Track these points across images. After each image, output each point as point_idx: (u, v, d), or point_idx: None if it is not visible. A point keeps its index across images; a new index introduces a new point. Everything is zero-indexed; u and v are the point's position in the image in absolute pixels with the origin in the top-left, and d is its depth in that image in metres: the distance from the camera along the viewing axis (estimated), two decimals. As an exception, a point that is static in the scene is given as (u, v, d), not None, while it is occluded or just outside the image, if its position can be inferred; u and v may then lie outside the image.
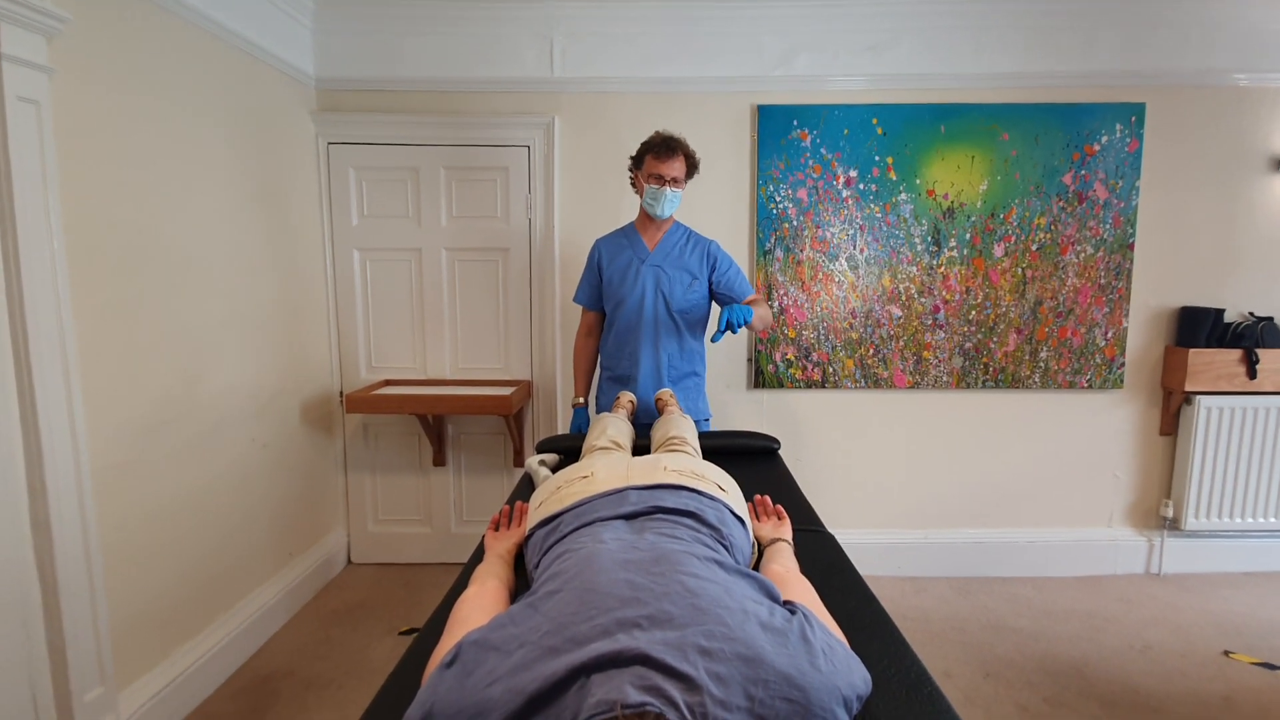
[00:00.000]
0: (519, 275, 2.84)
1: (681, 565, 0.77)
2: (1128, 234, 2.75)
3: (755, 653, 0.66)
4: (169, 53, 1.95)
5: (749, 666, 0.65)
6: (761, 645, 0.67)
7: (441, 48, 2.70)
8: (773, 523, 1.27)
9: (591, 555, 0.83)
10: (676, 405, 1.99)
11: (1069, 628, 2.50)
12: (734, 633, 0.67)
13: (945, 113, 2.68)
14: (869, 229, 2.74)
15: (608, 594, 0.73)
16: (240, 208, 2.29)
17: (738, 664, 0.65)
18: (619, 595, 0.72)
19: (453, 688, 0.66)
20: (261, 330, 2.40)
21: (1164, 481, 2.91)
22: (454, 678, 0.67)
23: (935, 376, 2.82)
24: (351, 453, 2.96)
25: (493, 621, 0.74)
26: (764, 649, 0.67)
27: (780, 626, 0.72)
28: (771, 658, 0.67)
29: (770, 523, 1.27)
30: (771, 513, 1.32)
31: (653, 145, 2.08)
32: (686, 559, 0.79)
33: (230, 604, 2.24)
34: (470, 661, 0.68)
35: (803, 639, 0.71)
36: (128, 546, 1.81)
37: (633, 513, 0.98)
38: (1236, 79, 2.72)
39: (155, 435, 1.90)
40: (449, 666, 0.69)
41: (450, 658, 0.70)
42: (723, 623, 0.68)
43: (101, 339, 1.72)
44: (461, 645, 0.71)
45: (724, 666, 0.64)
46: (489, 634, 0.71)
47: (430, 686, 0.68)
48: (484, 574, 1.01)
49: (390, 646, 2.35)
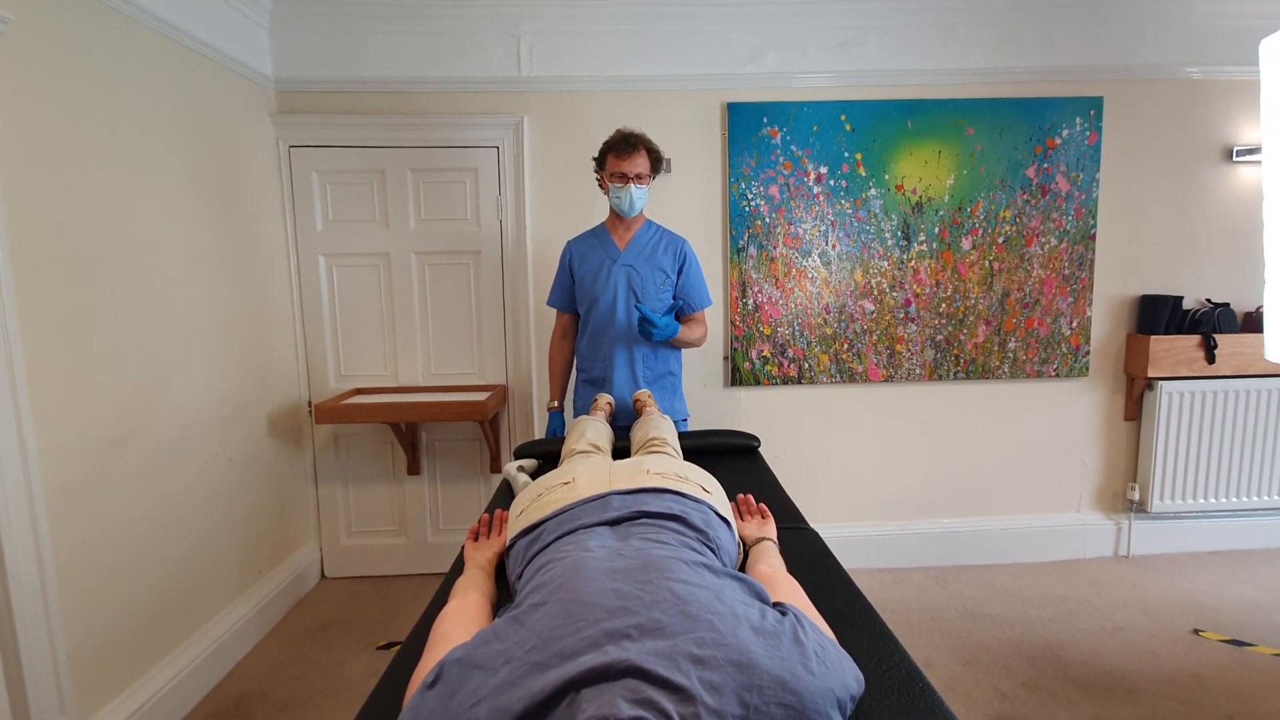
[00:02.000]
0: (491, 278, 2.79)
1: (669, 571, 0.75)
2: (1089, 225, 2.81)
3: (748, 658, 0.64)
4: (118, 54, 1.87)
5: (743, 673, 0.63)
6: (754, 651, 0.66)
7: (405, 47, 2.64)
8: (756, 521, 1.26)
9: (576, 564, 0.81)
10: (655, 406, 1.97)
11: (1043, 612, 2.54)
12: (726, 639, 0.66)
13: (912, 109, 2.71)
14: (840, 225, 2.76)
15: (594, 604, 0.70)
16: (197, 214, 2.21)
17: (731, 671, 0.63)
18: (606, 605, 0.70)
19: (435, 710, 0.63)
20: (224, 340, 2.32)
21: (1130, 466, 2.99)
22: (437, 699, 0.64)
23: (908, 369, 2.85)
24: (322, 464, 2.88)
25: (476, 638, 0.71)
26: (757, 654, 0.66)
27: (772, 629, 0.70)
28: (765, 663, 0.65)
29: (754, 522, 1.26)
30: (755, 512, 1.31)
31: (613, 144, 2.05)
32: (674, 564, 0.77)
33: (198, 625, 2.16)
34: (454, 681, 0.65)
35: (795, 641, 0.69)
36: (86, 569, 1.73)
37: (617, 518, 0.96)
38: (1189, 72, 2.80)
39: (112, 451, 1.82)
40: (431, 687, 0.66)
41: (432, 678, 0.67)
42: (714, 629, 0.66)
43: (51, 351, 1.64)
44: (444, 664, 0.68)
45: (717, 674, 0.62)
46: (472, 651, 0.68)
47: (412, 710, 0.65)
48: (465, 587, 0.97)
49: (367, 663, 2.29)
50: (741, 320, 2.79)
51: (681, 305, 2.18)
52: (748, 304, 2.78)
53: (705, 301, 2.25)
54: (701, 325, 2.25)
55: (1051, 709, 1.98)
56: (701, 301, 2.23)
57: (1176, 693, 2.05)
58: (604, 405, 2.03)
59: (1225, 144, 2.84)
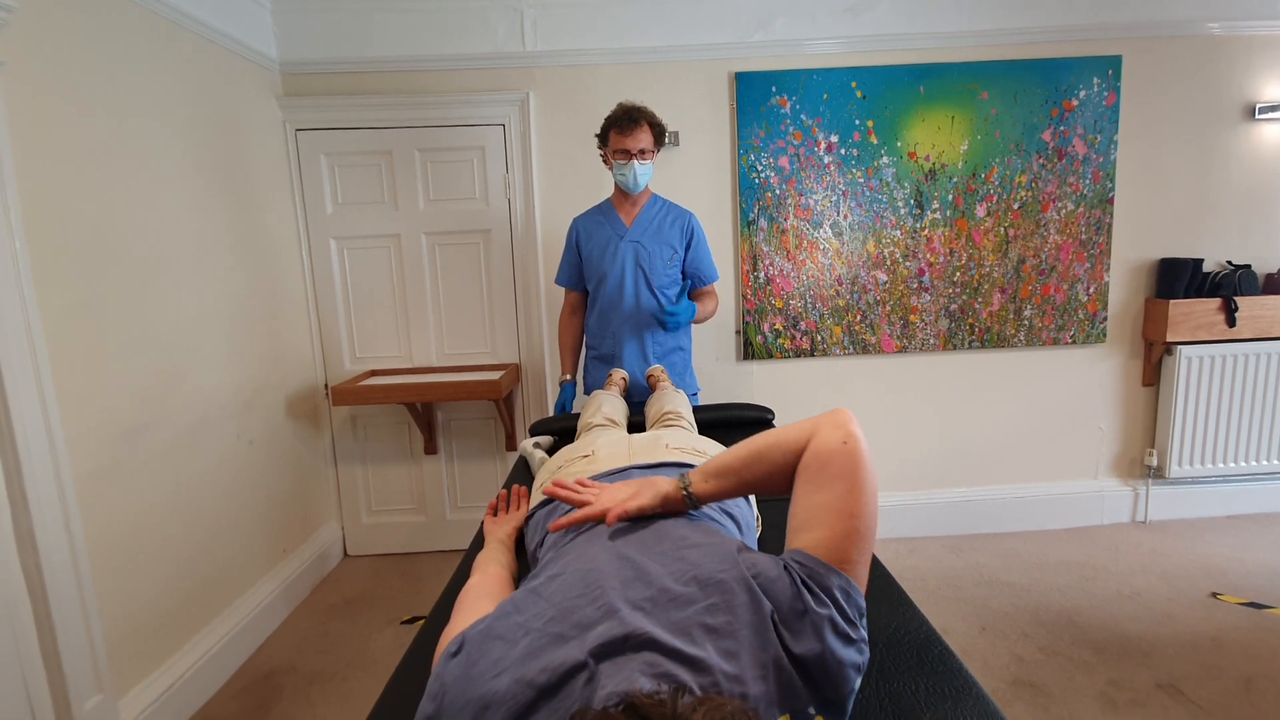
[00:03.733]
0: (501, 257, 2.79)
1: (684, 542, 0.76)
2: (1107, 189, 2.76)
3: (763, 622, 0.65)
4: (123, 41, 1.87)
5: (758, 636, 0.64)
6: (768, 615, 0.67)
7: (409, 25, 2.61)
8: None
9: (593, 535, 0.82)
10: (668, 380, 1.98)
11: (1060, 579, 2.55)
12: (737, 602, 0.67)
13: (924, 73, 2.65)
14: (852, 194, 2.72)
15: (611, 574, 0.72)
16: (207, 200, 2.22)
17: (747, 635, 0.64)
18: (621, 576, 0.71)
19: (459, 679, 0.65)
20: (239, 325, 2.35)
21: (1148, 431, 2.97)
22: (459, 669, 0.65)
23: (922, 340, 2.83)
24: (340, 445, 2.92)
25: (497, 610, 0.72)
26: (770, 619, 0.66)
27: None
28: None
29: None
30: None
31: (615, 119, 2.01)
32: (689, 534, 0.78)
33: (227, 603, 2.21)
34: (475, 651, 0.67)
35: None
36: (116, 552, 1.77)
37: None
38: (1210, 28, 2.72)
39: (136, 437, 1.85)
40: (454, 656, 0.67)
41: (455, 647, 0.68)
42: (727, 590, 0.67)
43: (72, 341, 1.66)
44: (466, 635, 0.69)
45: (732, 641, 0.63)
46: (494, 623, 0.70)
47: (436, 677, 0.66)
48: (486, 560, 0.99)
49: (391, 636, 2.34)
50: (753, 294, 2.78)
51: (691, 283, 2.17)
52: (759, 277, 2.77)
53: (714, 275, 2.24)
54: (713, 298, 2.25)
55: (1069, 672, 2.00)
56: (710, 275, 2.23)
57: (1195, 655, 2.05)
58: (618, 380, 2.04)
59: (1247, 101, 2.76)
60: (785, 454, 0.79)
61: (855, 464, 0.73)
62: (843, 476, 0.72)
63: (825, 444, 0.75)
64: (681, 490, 0.86)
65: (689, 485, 0.86)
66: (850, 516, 0.70)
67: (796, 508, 0.75)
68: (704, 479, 0.86)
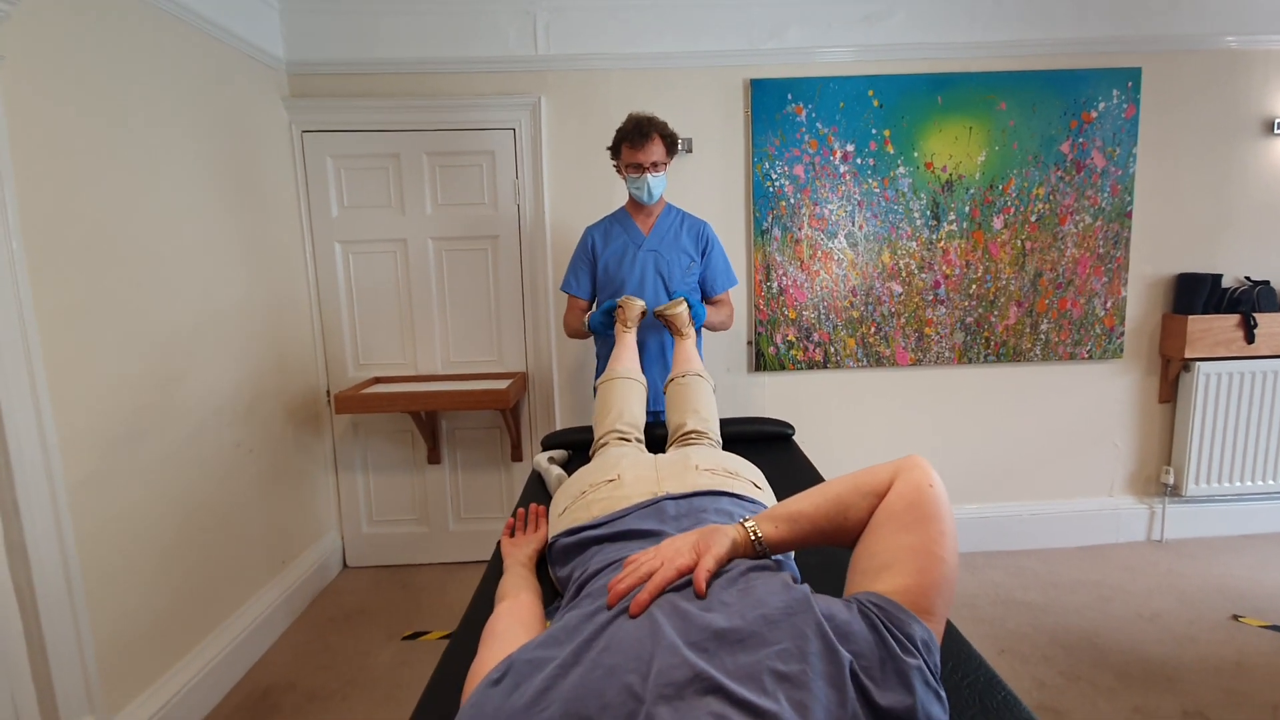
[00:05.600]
0: (509, 263, 2.73)
1: (749, 576, 0.70)
2: (1125, 202, 2.72)
3: (840, 674, 0.59)
4: (127, 37, 1.81)
5: (835, 690, 0.58)
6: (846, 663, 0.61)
7: (419, 26, 2.57)
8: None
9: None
10: (692, 342, 1.90)
11: (1077, 599, 2.49)
12: (811, 649, 0.60)
13: (942, 83, 2.62)
14: (867, 204, 2.68)
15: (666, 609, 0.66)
16: (210, 201, 2.16)
17: (821, 688, 0.58)
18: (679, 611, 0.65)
19: (501, 707, 0.59)
20: (240, 330, 2.28)
21: (1164, 449, 2.92)
22: (503, 696, 0.60)
23: (937, 353, 2.78)
24: (342, 453, 2.85)
25: (545, 638, 0.66)
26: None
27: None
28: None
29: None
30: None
31: (626, 133, 1.98)
32: (753, 572, 0.72)
33: (223, 616, 2.14)
34: (522, 680, 0.61)
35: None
36: (109, 564, 1.70)
37: (674, 529, 0.90)
38: (1228, 41, 2.69)
39: (132, 444, 1.79)
40: (497, 684, 0.61)
41: (499, 674, 0.62)
42: (800, 636, 0.61)
43: (67, 343, 1.60)
44: (513, 661, 0.63)
45: (805, 693, 0.57)
46: (542, 652, 0.64)
47: (474, 704, 0.60)
48: (513, 588, 0.93)
49: (393, 652, 2.27)
50: (765, 304, 2.73)
51: (703, 294, 2.14)
52: (772, 287, 2.72)
53: (731, 281, 2.21)
54: (728, 306, 2.21)
55: (1092, 699, 1.94)
56: (727, 283, 2.19)
57: (1219, 681, 2.00)
58: (635, 315, 1.92)
59: (1266, 116, 2.73)
60: (864, 497, 0.73)
61: (944, 508, 0.68)
62: (934, 519, 0.67)
63: (911, 485, 0.70)
64: (751, 538, 0.78)
65: (758, 531, 0.78)
66: (939, 561, 0.64)
67: (877, 547, 0.69)
68: (773, 524, 0.79)
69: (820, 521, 0.76)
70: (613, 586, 0.71)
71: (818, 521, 0.76)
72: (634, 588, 0.71)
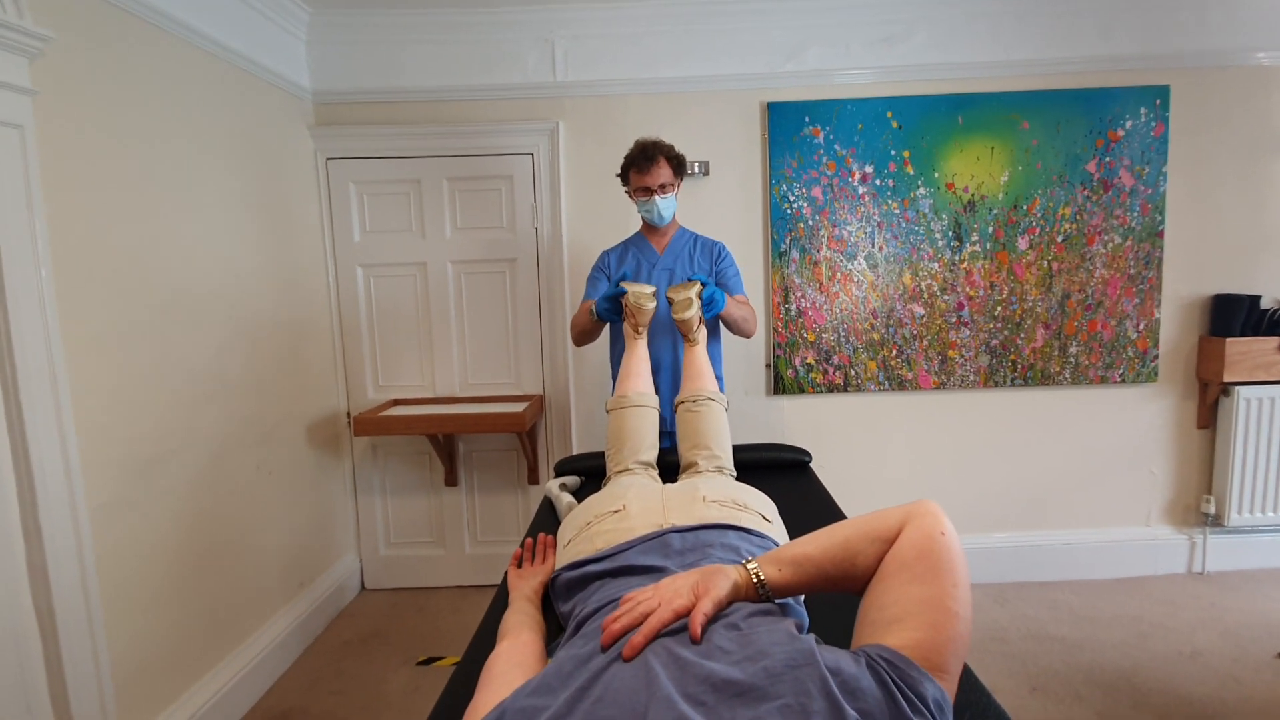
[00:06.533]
0: (527, 286, 2.75)
1: (750, 621, 0.67)
2: (1156, 221, 2.65)
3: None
4: (158, 70, 1.87)
5: None
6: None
7: (440, 55, 2.62)
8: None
9: None
10: (703, 350, 1.80)
11: (1113, 634, 2.39)
12: (814, 706, 0.57)
13: (963, 103, 2.59)
14: (887, 226, 2.65)
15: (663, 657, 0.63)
16: (238, 228, 2.21)
17: None
18: (676, 660, 0.63)
19: None
20: (264, 354, 2.32)
21: (1204, 476, 2.80)
22: None
23: (962, 376, 2.72)
24: (360, 475, 2.87)
25: (540, 685, 0.64)
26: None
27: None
28: None
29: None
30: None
31: (632, 159, 1.99)
32: (755, 617, 0.69)
33: (240, 640, 2.15)
34: None
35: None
36: (128, 587, 1.72)
37: (678, 565, 0.88)
38: (1259, 58, 2.62)
39: (155, 469, 1.82)
40: None
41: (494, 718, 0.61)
42: (803, 692, 0.58)
43: (94, 370, 1.64)
44: (504, 710, 0.61)
45: None
46: (536, 700, 0.62)
47: None
48: (515, 625, 0.91)
49: (406, 678, 2.26)
50: (784, 326, 2.70)
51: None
52: (790, 309, 2.69)
53: (742, 291, 2.12)
54: (747, 305, 2.09)
55: (1131, 742, 1.84)
56: (738, 290, 2.10)
57: (1268, 726, 1.89)
58: (645, 319, 1.80)
59: (1303, 132, 2.65)
60: (873, 543, 0.70)
61: (957, 558, 0.65)
62: (947, 570, 0.64)
63: (923, 533, 0.67)
64: (753, 580, 0.75)
65: (760, 573, 0.75)
66: (953, 616, 0.61)
67: (887, 598, 0.66)
68: (777, 567, 0.75)
69: (826, 566, 0.73)
70: (607, 625, 0.69)
71: (824, 566, 0.73)
72: (629, 628, 0.69)
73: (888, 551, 0.69)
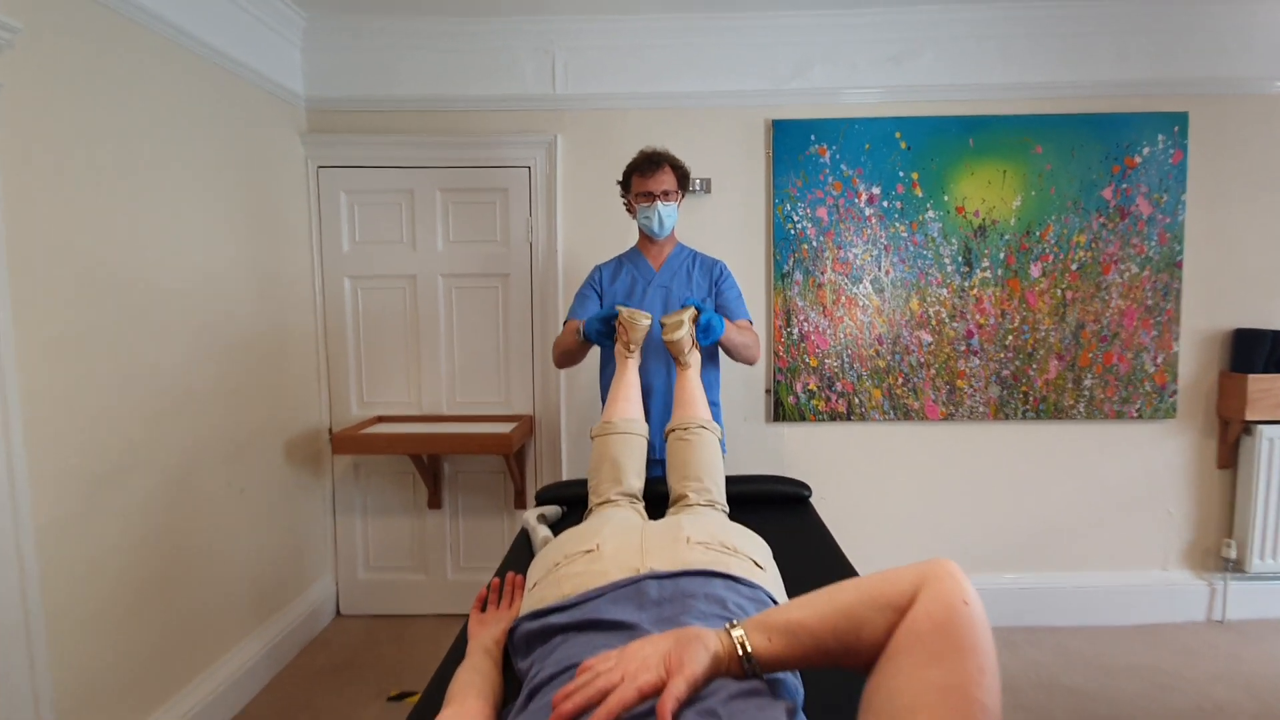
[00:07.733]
0: (520, 302, 2.66)
1: (733, 716, 0.56)
2: (1175, 251, 2.55)
3: None
4: (138, 69, 1.80)
5: None
6: None
7: (437, 64, 2.56)
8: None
9: None
10: (696, 375, 1.68)
11: (1130, 686, 2.24)
12: None
13: (974, 125, 2.51)
14: (894, 249, 2.55)
15: None
16: (221, 234, 2.13)
17: None
18: None
19: None
20: (240, 364, 2.22)
21: (1224, 519, 2.67)
22: None
23: (971, 407, 2.60)
24: (340, 494, 2.75)
25: None
26: None
27: None
28: None
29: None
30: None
31: (637, 164, 1.93)
32: (731, 705, 0.58)
33: (204, 666, 2.02)
34: None
35: None
36: (78, 611, 1.61)
37: (654, 618, 0.76)
38: (1277, 86, 2.54)
39: (113, 483, 1.71)
40: None
41: None
42: None
43: (49, 377, 1.54)
44: None
45: None
46: None
47: None
48: (462, 689, 0.79)
49: (377, 713, 2.12)
50: (786, 351, 2.59)
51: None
52: (792, 333, 2.59)
53: (744, 313, 2.02)
54: (750, 331, 1.99)
55: (1152, 811, 1.70)
56: (740, 314, 2.00)
57: (1301, 795, 1.74)
58: (638, 337, 1.69)
59: (1326, 163, 2.56)
60: (881, 611, 0.59)
61: (982, 634, 0.53)
62: (970, 650, 0.52)
63: (941, 603, 0.56)
64: (738, 651, 0.64)
65: (747, 643, 0.64)
66: (980, 709, 0.50)
67: (898, 683, 0.54)
68: (767, 635, 0.64)
69: (825, 638, 0.61)
70: (557, 703, 0.57)
71: (821, 637, 0.61)
72: (583, 709, 0.57)
73: (899, 622, 0.57)
